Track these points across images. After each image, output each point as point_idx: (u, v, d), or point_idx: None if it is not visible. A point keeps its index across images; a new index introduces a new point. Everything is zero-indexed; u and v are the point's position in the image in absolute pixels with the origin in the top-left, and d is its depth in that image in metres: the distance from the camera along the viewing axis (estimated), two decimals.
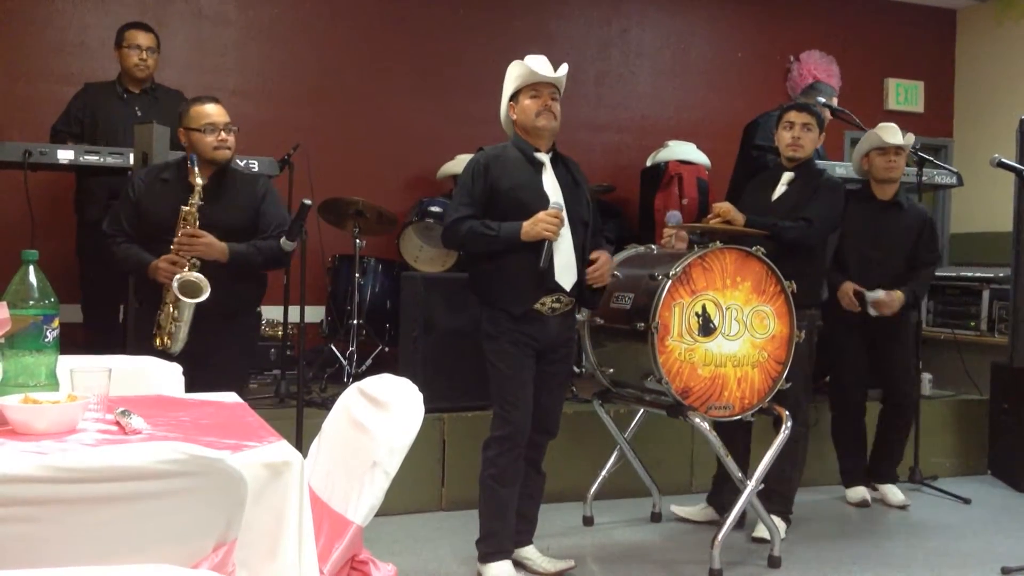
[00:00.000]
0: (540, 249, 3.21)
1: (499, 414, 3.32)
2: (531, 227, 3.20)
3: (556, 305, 3.30)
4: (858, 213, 4.50)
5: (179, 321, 3.34)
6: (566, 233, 3.30)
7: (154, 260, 3.38)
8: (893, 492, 4.63)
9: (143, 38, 4.69)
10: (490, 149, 3.39)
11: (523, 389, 3.30)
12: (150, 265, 3.38)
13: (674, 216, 4.31)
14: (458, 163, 5.63)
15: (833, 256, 4.52)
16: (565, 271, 3.30)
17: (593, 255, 3.37)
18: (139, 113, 4.62)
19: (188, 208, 3.36)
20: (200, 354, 3.37)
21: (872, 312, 4.40)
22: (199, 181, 3.36)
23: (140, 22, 4.80)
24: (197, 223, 3.36)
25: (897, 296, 4.40)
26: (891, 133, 4.45)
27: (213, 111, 3.46)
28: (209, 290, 3.29)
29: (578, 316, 3.61)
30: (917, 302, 4.64)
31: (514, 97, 3.35)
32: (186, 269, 3.32)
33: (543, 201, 3.27)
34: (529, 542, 3.53)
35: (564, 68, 3.35)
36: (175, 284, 3.28)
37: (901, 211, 4.54)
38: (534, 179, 3.31)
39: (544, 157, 3.34)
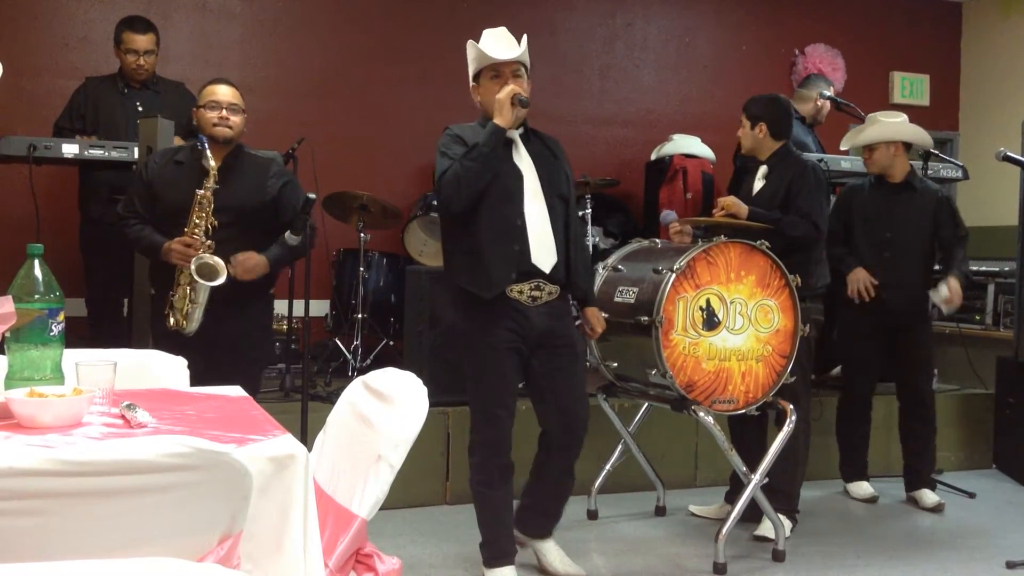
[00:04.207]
0: (515, 231, 3.09)
1: (479, 418, 3.17)
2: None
3: (536, 293, 3.11)
4: (870, 199, 4.51)
5: (195, 303, 3.34)
6: (541, 210, 3.13)
7: (166, 242, 3.37)
8: (928, 495, 4.50)
9: (140, 41, 4.59)
10: (456, 127, 3.22)
11: (504, 391, 3.13)
12: (163, 247, 3.37)
13: (670, 215, 4.32)
14: None
15: (841, 241, 4.49)
16: (542, 252, 3.11)
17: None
18: (140, 108, 4.61)
19: (203, 192, 3.34)
20: (217, 339, 3.39)
21: (946, 311, 4.39)
22: (212, 164, 3.34)
23: (139, 19, 4.69)
24: (212, 206, 3.35)
25: (957, 285, 4.26)
26: (855, 132, 4.55)
27: (218, 90, 3.47)
28: (226, 273, 3.29)
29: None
30: (969, 281, 4.48)
31: (476, 79, 3.22)
32: (201, 251, 3.32)
33: (517, 175, 3.15)
34: (549, 535, 3.43)
35: (521, 45, 3.16)
36: (193, 266, 3.28)
37: (914, 192, 4.50)
38: (505, 154, 3.15)
39: (513, 134, 3.16)
